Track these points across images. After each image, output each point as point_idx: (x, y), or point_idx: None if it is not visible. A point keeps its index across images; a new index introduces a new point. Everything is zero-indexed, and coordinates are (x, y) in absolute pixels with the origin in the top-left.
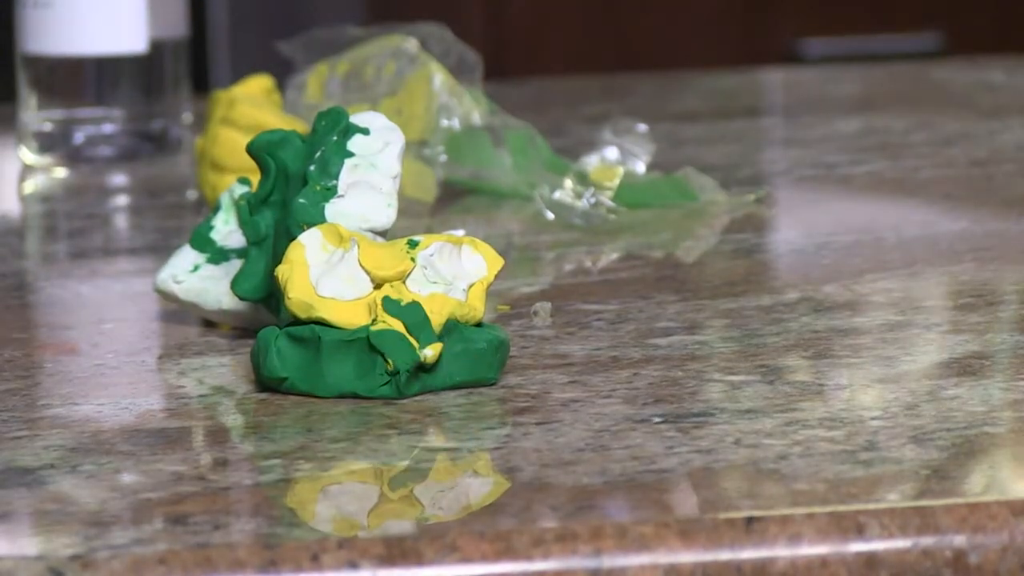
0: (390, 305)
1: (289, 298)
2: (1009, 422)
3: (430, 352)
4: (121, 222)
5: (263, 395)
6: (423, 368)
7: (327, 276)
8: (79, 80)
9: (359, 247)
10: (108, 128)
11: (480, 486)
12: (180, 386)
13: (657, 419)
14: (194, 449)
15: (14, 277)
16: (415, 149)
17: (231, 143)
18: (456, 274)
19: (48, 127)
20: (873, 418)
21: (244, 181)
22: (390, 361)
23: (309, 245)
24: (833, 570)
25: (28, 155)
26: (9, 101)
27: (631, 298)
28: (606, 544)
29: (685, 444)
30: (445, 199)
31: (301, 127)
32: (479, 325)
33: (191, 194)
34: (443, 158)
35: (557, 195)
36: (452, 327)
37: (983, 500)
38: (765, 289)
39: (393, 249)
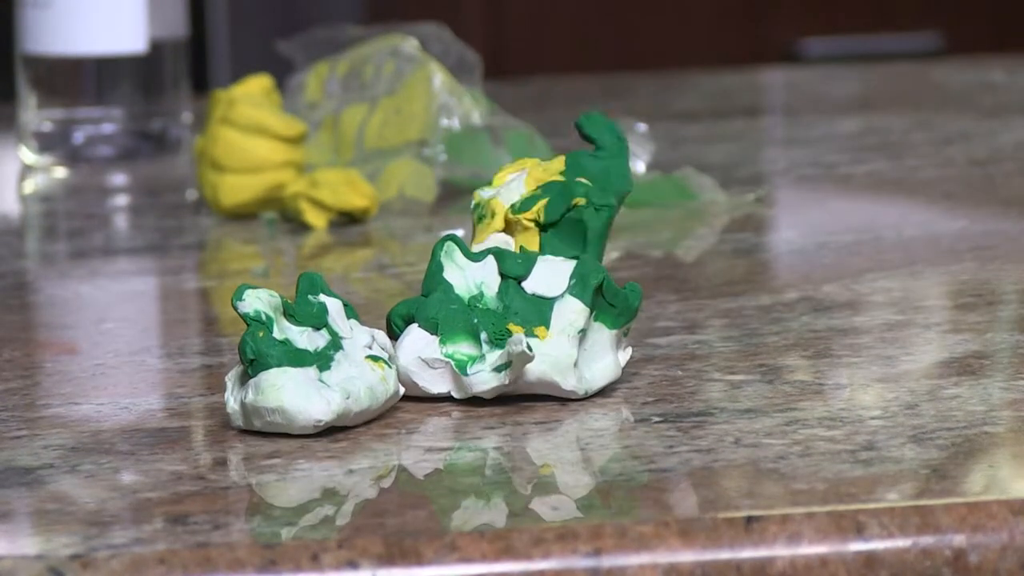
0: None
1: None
2: (1009, 422)
3: None
4: (121, 222)
5: None
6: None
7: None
8: (79, 80)
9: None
10: (108, 128)
11: (480, 486)
12: (180, 386)
13: (657, 419)
14: (194, 449)
15: (14, 277)
16: (415, 149)
17: (231, 143)
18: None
19: (48, 127)
20: (873, 418)
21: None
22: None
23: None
24: (832, 570)
25: (28, 155)
26: (9, 101)
27: None
28: (606, 544)
29: (685, 444)
30: (445, 199)
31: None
32: None
33: (191, 194)
34: (443, 158)
35: None
36: None
37: (983, 499)
38: (765, 289)
39: None
